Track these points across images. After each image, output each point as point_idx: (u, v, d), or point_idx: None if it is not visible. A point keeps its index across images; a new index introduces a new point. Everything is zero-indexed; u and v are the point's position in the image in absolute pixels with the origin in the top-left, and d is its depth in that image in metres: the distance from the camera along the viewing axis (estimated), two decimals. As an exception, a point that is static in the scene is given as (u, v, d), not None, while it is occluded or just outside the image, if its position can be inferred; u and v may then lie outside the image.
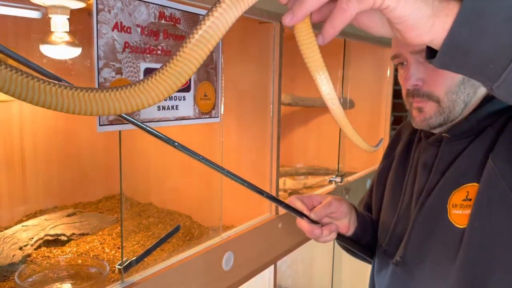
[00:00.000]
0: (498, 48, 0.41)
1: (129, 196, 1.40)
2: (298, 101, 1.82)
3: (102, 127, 0.75)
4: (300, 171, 1.84)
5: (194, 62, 0.45)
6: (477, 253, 0.73)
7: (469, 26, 0.41)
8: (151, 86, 0.44)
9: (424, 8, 0.43)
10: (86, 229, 1.10)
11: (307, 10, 0.44)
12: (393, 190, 0.95)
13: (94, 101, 0.43)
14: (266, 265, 1.18)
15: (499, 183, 0.71)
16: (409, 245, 0.84)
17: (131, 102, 0.44)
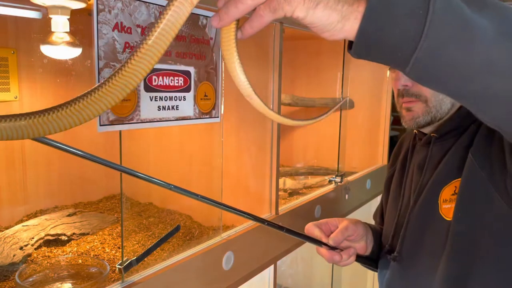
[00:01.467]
0: (403, 39, 0.45)
1: (130, 196, 1.40)
2: (298, 101, 1.82)
3: (102, 127, 0.75)
4: (300, 171, 1.84)
5: (138, 75, 0.46)
6: (462, 243, 0.77)
7: (375, 22, 0.46)
8: (97, 98, 0.47)
9: (333, 15, 0.47)
10: (87, 229, 1.10)
11: (233, 18, 0.50)
12: (394, 193, 0.99)
13: (46, 124, 0.45)
14: (266, 265, 1.18)
15: (478, 175, 0.76)
16: (405, 241, 0.88)
17: (83, 115, 0.47)
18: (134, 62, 0.46)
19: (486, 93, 0.47)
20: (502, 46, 0.45)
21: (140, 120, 0.81)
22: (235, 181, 1.26)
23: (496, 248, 0.75)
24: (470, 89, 0.47)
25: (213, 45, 0.95)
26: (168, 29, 0.45)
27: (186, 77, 0.89)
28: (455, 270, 0.78)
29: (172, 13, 0.44)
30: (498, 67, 0.45)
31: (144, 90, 0.81)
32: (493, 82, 0.46)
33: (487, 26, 0.44)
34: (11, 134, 0.44)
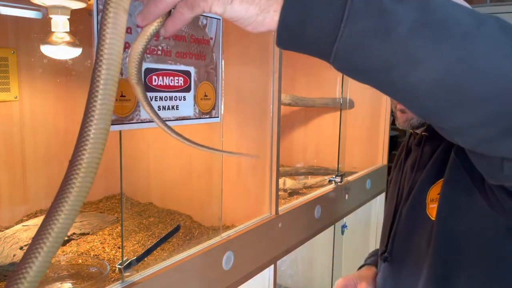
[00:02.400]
0: (323, 29, 0.45)
1: (130, 196, 1.40)
2: (298, 101, 1.82)
3: (102, 127, 0.75)
4: (300, 171, 1.84)
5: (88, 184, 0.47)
6: (445, 243, 0.77)
7: (295, 13, 0.46)
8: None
9: (250, 9, 0.47)
10: (87, 228, 1.10)
11: (155, 16, 0.51)
12: (391, 194, 0.99)
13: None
14: (266, 265, 1.18)
15: (461, 175, 0.76)
16: (395, 241, 0.89)
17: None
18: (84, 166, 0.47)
19: (406, 85, 0.46)
20: (420, 38, 0.44)
21: (140, 120, 0.81)
22: (235, 181, 1.26)
23: (478, 249, 0.75)
24: (390, 80, 0.46)
25: (213, 45, 0.95)
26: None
27: (186, 77, 0.89)
28: (438, 270, 0.78)
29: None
30: (416, 59, 0.44)
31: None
32: (412, 74, 0.45)
33: (407, 16, 0.44)
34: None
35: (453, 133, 0.51)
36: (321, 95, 1.90)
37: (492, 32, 0.45)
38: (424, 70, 0.44)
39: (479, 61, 0.44)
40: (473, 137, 0.49)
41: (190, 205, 1.30)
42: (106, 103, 0.46)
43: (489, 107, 0.45)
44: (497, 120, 0.46)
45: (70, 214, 0.45)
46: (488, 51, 0.44)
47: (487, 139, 0.49)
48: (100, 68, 0.45)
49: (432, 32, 0.44)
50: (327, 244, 1.83)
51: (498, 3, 2.40)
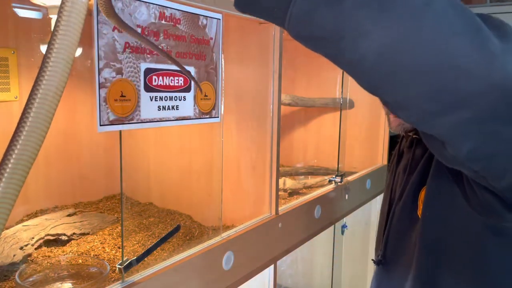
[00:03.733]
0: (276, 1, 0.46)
1: (130, 196, 1.40)
2: (298, 101, 1.82)
3: (102, 127, 0.75)
4: (300, 171, 1.84)
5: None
6: (429, 242, 0.78)
7: None
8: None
9: None
10: (87, 228, 1.11)
11: None
12: (384, 199, 1.00)
13: None
14: (266, 265, 1.19)
15: (444, 174, 0.76)
16: (388, 244, 0.89)
17: None
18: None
19: (354, 55, 0.46)
20: (368, 9, 0.44)
21: (140, 120, 0.81)
22: (235, 181, 1.26)
23: (461, 248, 0.75)
24: (340, 50, 0.47)
25: (213, 45, 0.95)
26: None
27: (186, 77, 0.89)
28: (424, 270, 0.79)
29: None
30: (362, 30, 0.44)
31: (144, 90, 0.81)
32: (359, 45, 0.45)
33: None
34: None
35: (396, 108, 0.51)
36: (321, 95, 1.90)
37: (441, 10, 0.45)
38: (370, 41, 0.45)
39: (425, 37, 0.44)
40: (414, 112, 0.50)
41: (190, 205, 1.30)
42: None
43: (432, 82, 0.46)
44: (439, 96, 0.47)
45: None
46: (435, 27, 0.45)
47: (427, 115, 0.49)
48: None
49: (380, 4, 0.44)
50: (327, 244, 1.83)
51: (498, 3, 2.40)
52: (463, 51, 0.45)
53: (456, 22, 0.46)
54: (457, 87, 0.46)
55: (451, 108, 0.47)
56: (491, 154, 0.53)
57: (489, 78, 0.45)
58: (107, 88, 0.74)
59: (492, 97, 0.46)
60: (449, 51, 0.45)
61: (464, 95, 0.46)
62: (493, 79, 0.46)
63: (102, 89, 0.73)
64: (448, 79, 0.45)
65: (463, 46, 0.45)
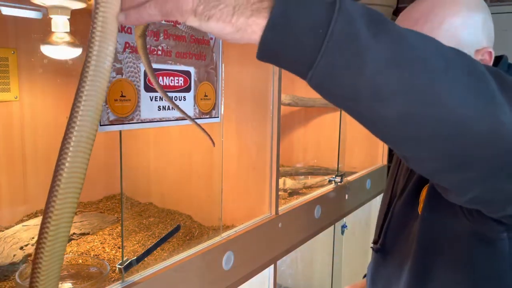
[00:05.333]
0: (301, 54, 0.48)
1: (130, 196, 1.40)
2: (298, 101, 1.82)
3: (102, 127, 0.75)
4: (300, 171, 1.84)
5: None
6: (424, 241, 0.81)
7: (276, 38, 0.48)
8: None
9: (227, 28, 0.49)
10: (87, 228, 1.10)
11: (141, 22, 0.52)
12: (387, 188, 1.01)
13: None
14: (266, 265, 1.19)
15: None
16: (388, 235, 0.93)
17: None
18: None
19: (371, 116, 0.49)
20: (388, 76, 0.46)
21: (140, 120, 0.81)
22: (235, 181, 1.26)
23: (453, 249, 0.78)
24: (358, 110, 0.50)
25: (213, 45, 0.95)
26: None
27: (186, 77, 0.89)
28: (419, 263, 0.82)
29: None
30: (381, 95, 0.47)
31: (144, 90, 0.81)
32: (377, 108, 0.48)
33: (379, 54, 0.46)
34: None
35: (408, 161, 0.55)
36: (321, 95, 1.90)
37: (458, 78, 0.48)
38: (388, 106, 0.47)
39: (440, 104, 0.47)
40: (425, 168, 0.55)
41: (190, 205, 1.30)
42: (91, 104, 0.46)
43: (445, 146, 0.49)
44: (450, 159, 0.50)
45: (60, 215, 0.45)
46: (451, 95, 0.47)
47: (437, 172, 0.54)
48: (88, 69, 0.45)
49: (400, 71, 0.46)
50: (327, 244, 1.83)
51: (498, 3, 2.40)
52: (477, 119, 0.47)
53: (474, 90, 0.48)
54: (468, 152, 0.49)
55: (461, 168, 0.51)
56: (491, 199, 0.59)
57: (499, 146, 0.48)
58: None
59: (502, 162, 0.50)
60: (464, 119, 0.47)
61: (473, 159, 0.50)
62: (503, 147, 0.49)
63: (102, 89, 0.73)
64: (460, 144, 0.49)
65: (477, 115, 0.47)
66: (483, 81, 0.49)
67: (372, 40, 0.46)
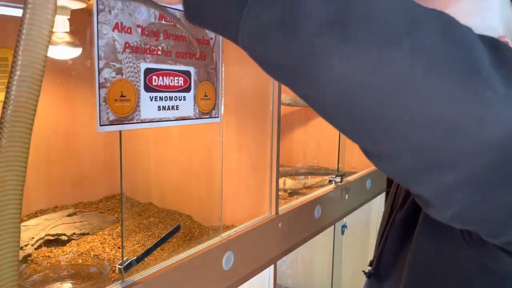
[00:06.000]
0: (226, 10, 0.40)
1: (130, 196, 1.40)
2: (298, 101, 1.82)
3: (102, 127, 0.75)
4: (300, 171, 1.84)
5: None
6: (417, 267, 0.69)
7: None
8: None
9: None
10: (87, 229, 1.10)
11: None
12: (387, 206, 0.93)
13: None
14: (266, 265, 1.19)
15: None
16: (382, 257, 0.81)
17: None
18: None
19: (310, 89, 0.39)
20: (330, 37, 0.35)
21: (140, 120, 0.81)
22: (235, 181, 1.26)
23: (449, 281, 0.66)
24: (297, 81, 0.39)
25: (213, 45, 0.95)
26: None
27: (186, 77, 0.89)
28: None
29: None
30: (322, 61, 0.36)
31: (144, 90, 0.81)
32: (318, 78, 0.37)
33: (317, 9, 0.36)
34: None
35: (369, 156, 0.44)
36: (321, 95, 1.90)
37: (428, 40, 0.35)
38: (331, 76, 0.36)
39: (399, 77, 0.35)
40: (389, 169, 0.41)
41: (190, 205, 1.30)
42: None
43: (408, 134, 0.37)
44: (418, 153, 0.37)
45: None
46: (415, 65, 0.35)
47: (406, 174, 0.40)
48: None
49: (346, 31, 0.35)
50: (327, 244, 1.83)
51: (498, 3, 2.40)
52: (451, 99, 0.35)
53: (447, 59, 0.35)
54: (443, 144, 0.36)
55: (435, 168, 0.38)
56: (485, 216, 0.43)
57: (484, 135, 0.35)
58: (107, 88, 0.74)
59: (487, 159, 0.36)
60: (431, 98, 0.35)
61: (451, 155, 0.37)
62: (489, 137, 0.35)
63: (102, 89, 0.73)
64: (430, 133, 0.36)
65: (452, 92, 0.35)
66: (464, 48, 0.36)
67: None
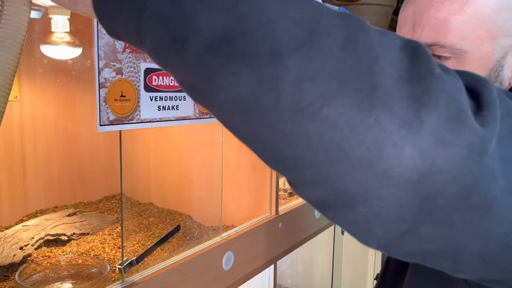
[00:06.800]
0: (128, 14, 0.37)
1: (130, 196, 1.40)
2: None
3: (102, 127, 0.75)
4: (300, 171, 1.84)
5: None
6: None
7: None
8: None
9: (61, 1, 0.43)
10: (87, 229, 1.10)
11: None
12: None
13: None
14: (266, 265, 1.19)
15: None
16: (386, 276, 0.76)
17: None
18: None
19: (209, 102, 0.36)
20: (217, 58, 0.33)
21: (140, 120, 0.81)
22: (235, 181, 1.26)
23: None
24: (195, 99, 0.37)
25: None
26: None
27: (186, 77, 0.89)
28: None
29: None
30: (214, 83, 0.34)
31: (144, 90, 0.81)
32: (213, 91, 0.34)
33: (208, 25, 0.32)
34: None
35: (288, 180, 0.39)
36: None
37: (320, 56, 0.31)
38: (226, 96, 0.33)
39: (287, 100, 0.31)
40: (308, 197, 0.36)
41: (190, 205, 1.30)
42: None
43: (309, 163, 0.32)
44: (322, 178, 0.33)
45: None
46: (296, 78, 0.30)
47: (319, 202, 0.35)
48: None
49: (233, 48, 0.31)
50: (327, 244, 1.83)
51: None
52: (343, 123, 0.30)
53: (340, 75, 0.30)
54: (345, 175, 0.31)
55: (347, 200, 0.33)
56: (413, 251, 0.36)
57: (384, 166, 0.30)
58: (107, 88, 0.74)
59: (394, 192, 0.31)
60: (321, 121, 0.30)
61: (358, 188, 0.32)
62: (389, 169, 0.30)
63: (102, 89, 0.73)
64: (329, 163, 0.31)
65: (344, 115, 0.30)
66: (365, 60, 0.31)
67: (201, 3, 0.33)
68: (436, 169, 0.30)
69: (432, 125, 0.30)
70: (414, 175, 0.30)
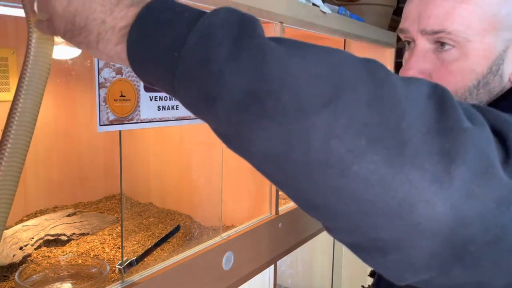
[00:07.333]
0: (165, 82, 0.39)
1: (129, 196, 1.40)
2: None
3: (102, 127, 0.75)
4: (300, 171, 1.84)
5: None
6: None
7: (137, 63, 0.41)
8: None
9: (98, 54, 0.44)
10: (87, 229, 1.10)
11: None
12: None
13: None
14: (266, 265, 1.18)
15: None
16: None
17: None
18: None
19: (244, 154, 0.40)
20: (246, 114, 0.35)
21: (140, 120, 0.81)
22: (235, 181, 1.26)
23: None
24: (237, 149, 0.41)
25: (213, 45, 0.94)
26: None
27: (186, 77, 0.89)
28: None
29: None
30: (244, 137, 0.36)
31: (144, 90, 0.81)
32: (246, 147, 0.38)
33: (234, 84, 0.34)
34: None
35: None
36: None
37: (347, 114, 0.32)
38: (257, 150, 0.35)
39: (317, 156, 0.32)
40: (343, 240, 0.40)
41: (190, 205, 1.30)
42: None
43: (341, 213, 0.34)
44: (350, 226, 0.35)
45: None
46: (329, 142, 0.32)
47: (356, 246, 0.39)
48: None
49: (261, 106, 0.33)
50: (327, 244, 1.83)
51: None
52: (374, 178, 0.31)
53: (370, 132, 0.31)
54: (377, 226, 0.33)
55: (380, 247, 0.35)
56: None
57: (415, 220, 0.32)
58: (107, 88, 0.73)
59: (426, 243, 0.32)
60: (354, 177, 0.31)
61: (389, 237, 0.33)
62: (421, 222, 0.31)
63: (102, 89, 0.73)
64: (361, 214, 0.33)
65: (374, 170, 0.31)
66: (393, 116, 0.32)
67: (226, 64, 0.34)
68: (467, 222, 0.31)
69: (462, 179, 0.31)
70: (445, 229, 0.31)
